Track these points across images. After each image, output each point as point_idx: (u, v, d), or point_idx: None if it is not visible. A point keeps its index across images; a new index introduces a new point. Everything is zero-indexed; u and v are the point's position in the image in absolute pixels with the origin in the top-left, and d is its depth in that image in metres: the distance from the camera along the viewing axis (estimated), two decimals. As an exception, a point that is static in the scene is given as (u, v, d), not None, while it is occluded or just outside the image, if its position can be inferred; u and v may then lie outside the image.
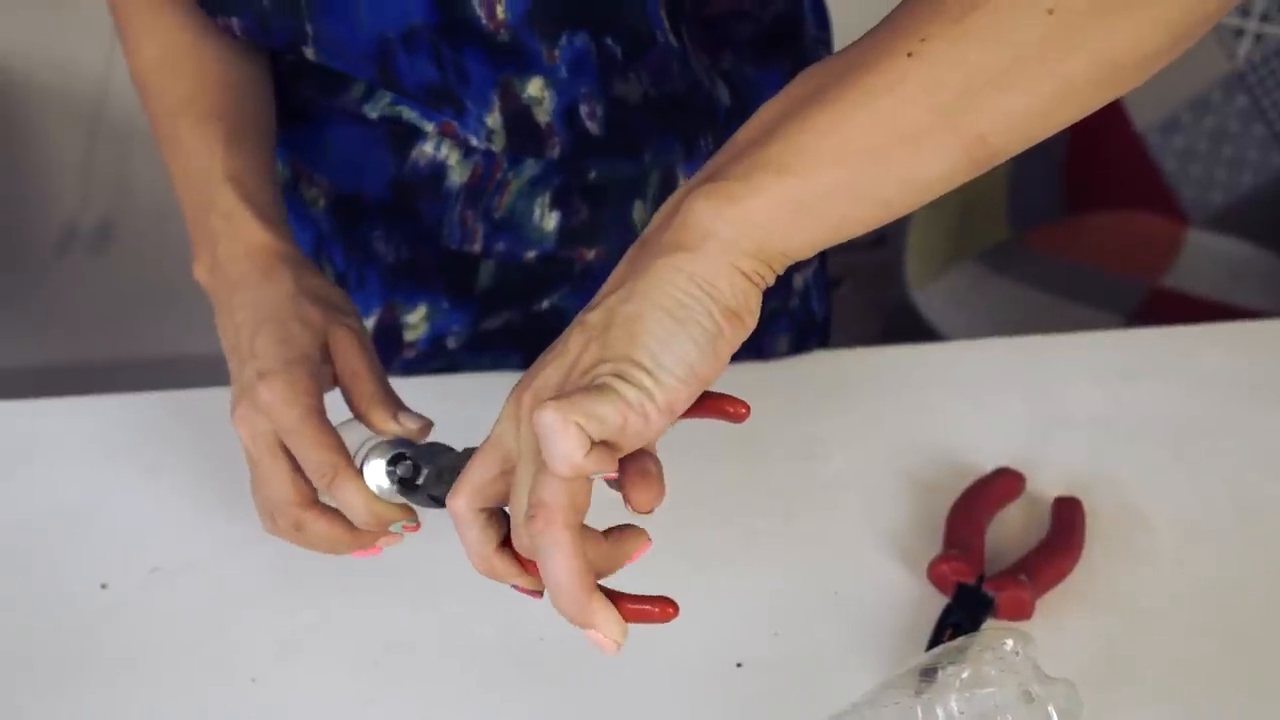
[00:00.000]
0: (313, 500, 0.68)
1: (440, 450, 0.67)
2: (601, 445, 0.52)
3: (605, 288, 0.55)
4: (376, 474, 0.67)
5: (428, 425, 0.70)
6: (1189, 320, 1.05)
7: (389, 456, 0.67)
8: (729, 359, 0.55)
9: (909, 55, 0.52)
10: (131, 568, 0.79)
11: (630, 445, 0.53)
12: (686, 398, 0.54)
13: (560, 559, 0.53)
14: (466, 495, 0.57)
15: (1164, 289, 2.00)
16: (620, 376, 0.52)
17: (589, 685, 0.71)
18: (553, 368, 0.55)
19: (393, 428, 0.69)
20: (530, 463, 0.54)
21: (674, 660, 0.73)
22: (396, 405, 0.70)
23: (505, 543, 0.58)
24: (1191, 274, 2.03)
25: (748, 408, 0.58)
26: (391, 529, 0.68)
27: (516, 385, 0.57)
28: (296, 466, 0.67)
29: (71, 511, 0.83)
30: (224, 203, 0.75)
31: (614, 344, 0.53)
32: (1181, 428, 0.91)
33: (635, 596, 0.57)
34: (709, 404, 0.57)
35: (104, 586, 0.78)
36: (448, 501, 0.58)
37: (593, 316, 0.54)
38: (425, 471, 0.66)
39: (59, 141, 2.03)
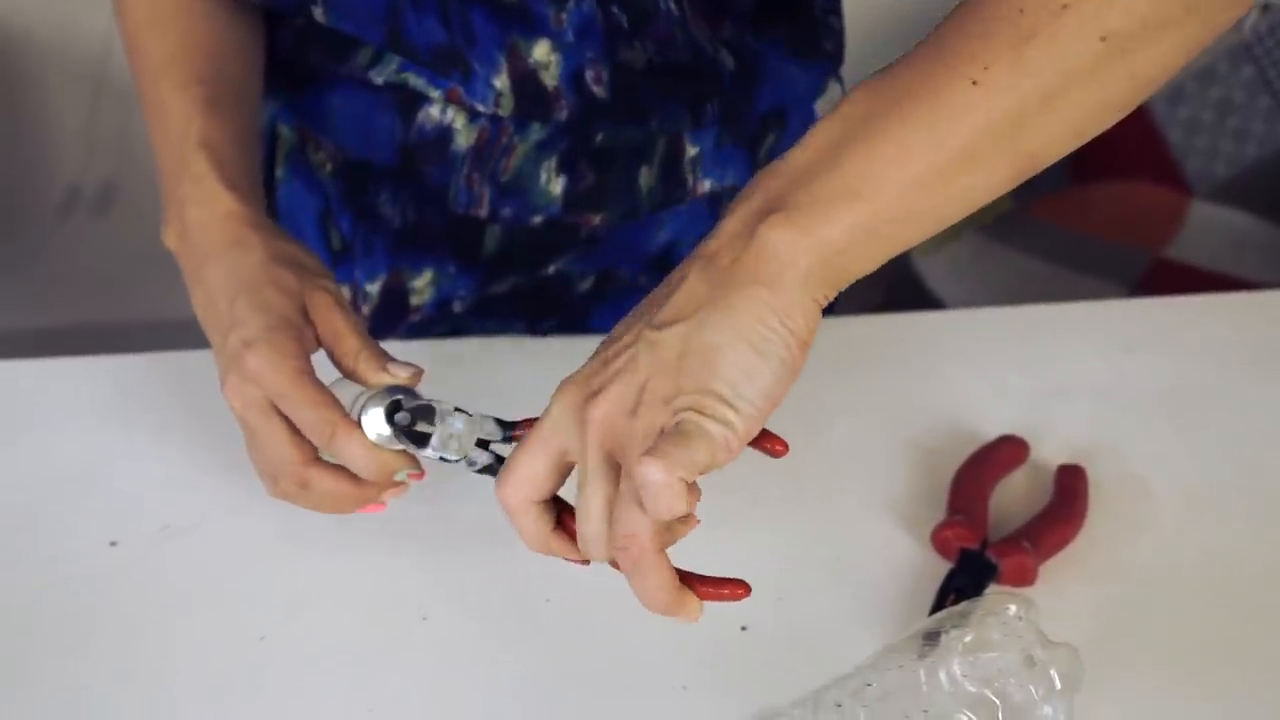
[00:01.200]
0: (315, 458, 0.68)
1: (434, 404, 0.67)
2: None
3: (672, 308, 0.56)
4: (375, 423, 0.67)
5: (418, 372, 0.70)
6: (1191, 291, 1.06)
7: (386, 404, 0.67)
8: None
9: (973, 84, 0.54)
10: (140, 526, 0.79)
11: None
12: (761, 426, 0.56)
13: (653, 579, 0.57)
14: (517, 488, 0.59)
15: (1167, 260, 2.00)
16: (702, 412, 0.54)
17: (594, 647, 0.72)
18: (622, 386, 0.56)
19: (384, 378, 0.69)
20: (603, 481, 0.56)
21: (678, 624, 0.73)
22: (384, 357, 0.70)
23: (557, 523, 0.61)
24: (1195, 245, 2.03)
25: (786, 446, 0.61)
26: (396, 477, 0.68)
27: (570, 383, 0.58)
28: (294, 428, 0.68)
29: (79, 470, 0.84)
30: (196, 168, 0.75)
31: (692, 374, 0.54)
32: (1184, 397, 0.91)
33: (707, 579, 0.60)
34: (756, 438, 0.59)
35: (113, 544, 0.78)
36: (497, 492, 0.60)
37: (665, 339, 0.55)
38: (429, 412, 0.66)
39: (61, 103, 2.02)
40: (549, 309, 0.98)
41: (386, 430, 0.67)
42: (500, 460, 0.66)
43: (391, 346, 0.95)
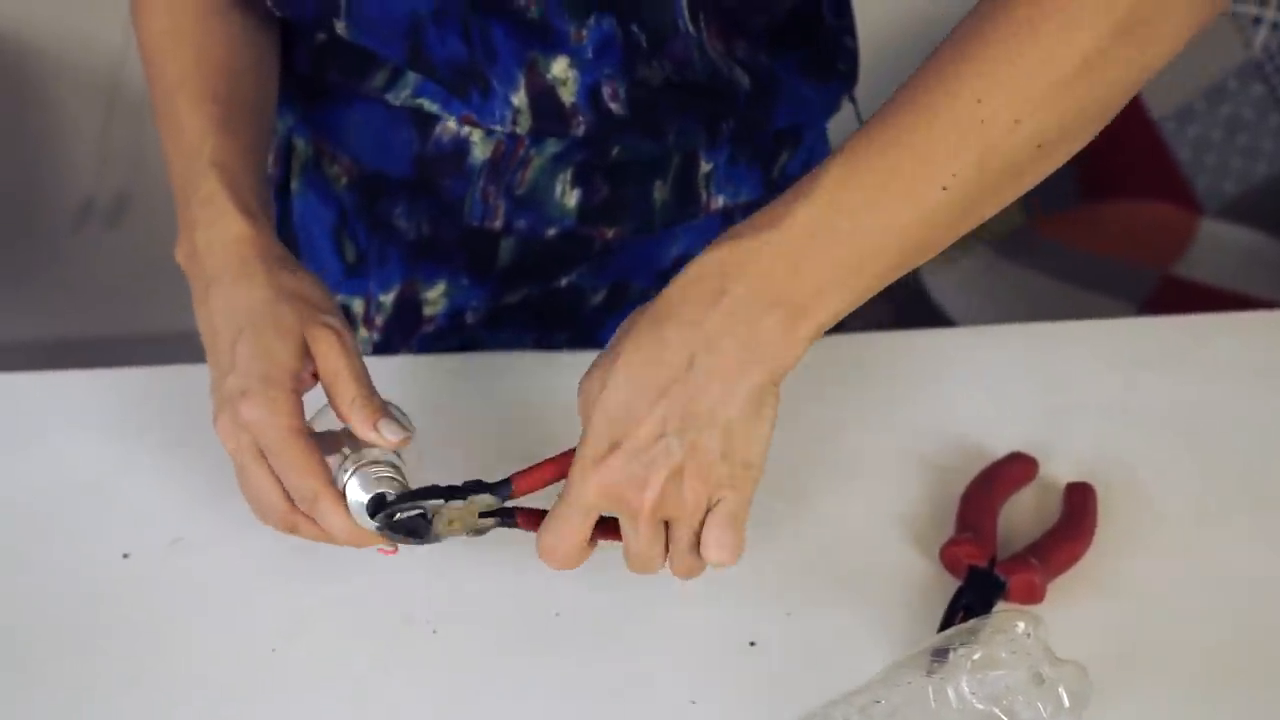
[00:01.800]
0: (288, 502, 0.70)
1: (421, 504, 0.68)
2: None
3: (696, 410, 0.62)
4: (357, 494, 0.69)
5: (408, 437, 0.70)
6: (1200, 309, 1.06)
7: (368, 498, 0.68)
8: None
9: (978, 109, 0.60)
10: (153, 538, 0.80)
11: None
12: None
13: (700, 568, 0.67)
14: (572, 561, 0.67)
15: (1176, 278, 2.00)
16: (737, 489, 0.64)
17: (604, 661, 0.72)
18: (663, 474, 0.62)
19: (371, 438, 0.69)
20: (657, 540, 0.65)
21: (688, 638, 0.73)
22: (378, 411, 0.70)
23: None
24: (1204, 263, 2.03)
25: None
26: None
27: (598, 469, 0.63)
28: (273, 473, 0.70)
29: (93, 482, 0.84)
30: (207, 187, 0.75)
31: (729, 463, 0.63)
32: (1193, 415, 0.91)
33: None
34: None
35: (126, 556, 0.79)
36: (550, 564, 0.67)
37: (700, 442, 0.62)
38: (419, 518, 0.69)
39: (76, 115, 2.04)
40: (561, 322, 0.98)
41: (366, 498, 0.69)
42: (508, 516, 0.69)
43: (403, 359, 0.96)
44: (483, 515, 0.69)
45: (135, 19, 0.83)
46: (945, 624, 0.73)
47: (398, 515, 0.68)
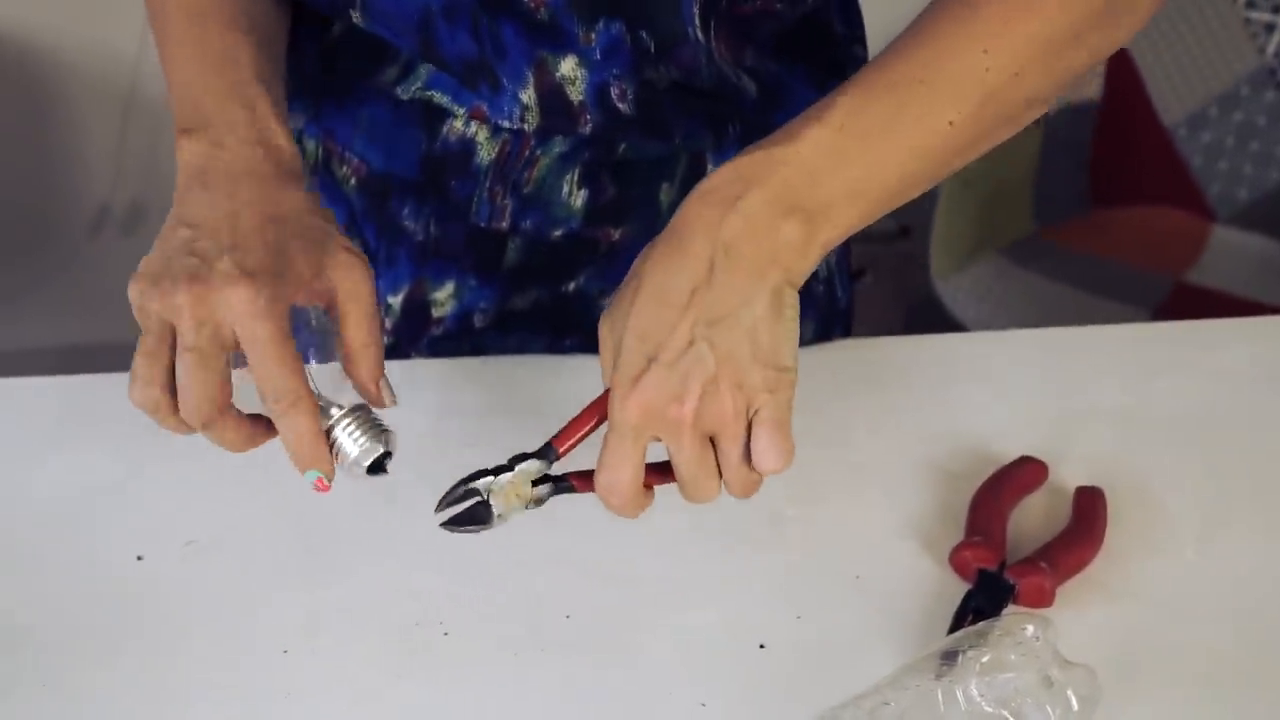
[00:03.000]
0: (229, 405, 0.66)
1: (465, 478, 0.68)
2: None
3: (718, 304, 0.64)
4: (351, 444, 0.67)
5: (393, 401, 0.70)
6: (1213, 316, 1.05)
7: (370, 457, 0.67)
8: None
9: (984, 56, 0.66)
10: (166, 541, 0.80)
11: None
12: None
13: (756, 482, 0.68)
14: (635, 498, 0.66)
15: (1188, 285, 1.99)
16: (774, 390, 0.65)
17: (614, 663, 0.72)
18: (698, 384, 0.64)
19: (371, 390, 0.68)
20: (703, 456, 0.66)
21: (697, 640, 0.74)
22: (382, 365, 0.69)
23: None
24: (1216, 270, 2.02)
25: None
26: (306, 476, 0.67)
27: (633, 392, 0.64)
28: (226, 372, 0.65)
29: (106, 486, 0.85)
30: (253, 96, 0.72)
31: (762, 361, 0.65)
32: (1204, 421, 0.91)
33: None
34: None
35: (139, 559, 0.79)
36: (614, 508, 0.67)
37: (728, 339, 0.64)
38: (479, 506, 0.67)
39: (92, 122, 2.05)
40: (569, 327, 0.99)
41: (356, 454, 0.67)
42: (560, 480, 0.68)
43: (414, 362, 0.97)
44: (535, 484, 0.68)
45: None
46: (954, 627, 0.73)
47: (457, 508, 0.67)
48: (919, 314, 2.09)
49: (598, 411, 0.68)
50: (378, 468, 0.68)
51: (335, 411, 0.67)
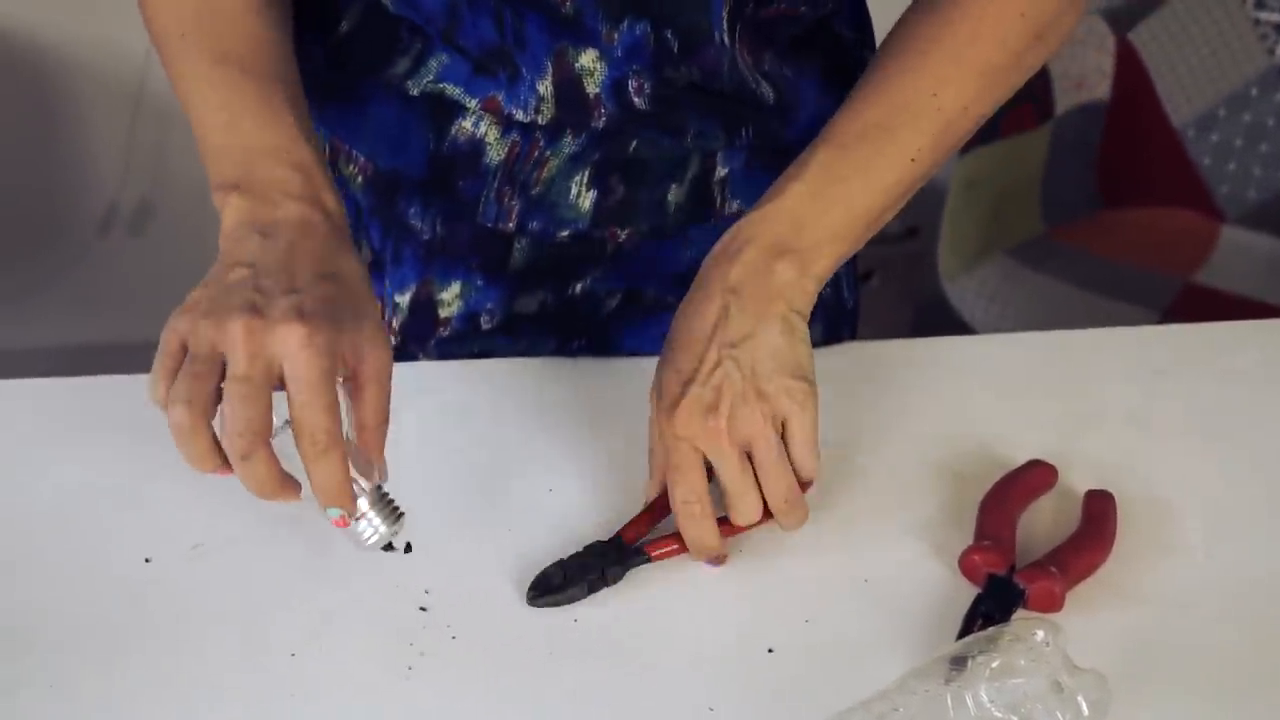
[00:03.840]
0: (269, 441, 0.66)
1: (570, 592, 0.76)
2: None
3: (734, 332, 0.75)
4: (368, 528, 0.72)
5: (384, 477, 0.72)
6: (1222, 318, 1.05)
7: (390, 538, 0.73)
8: None
9: (933, 100, 0.79)
10: (174, 543, 0.80)
11: None
12: None
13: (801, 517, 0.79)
14: (714, 538, 0.76)
15: (1197, 286, 1.99)
16: (793, 396, 0.75)
17: (622, 667, 0.72)
18: (731, 395, 0.74)
19: (377, 463, 0.71)
20: (744, 469, 0.75)
21: (705, 645, 0.74)
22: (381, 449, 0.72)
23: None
24: (1225, 271, 2.02)
25: None
26: (330, 513, 0.69)
27: (679, 412, 0.74)
28: (270, 407, 0.66)
29: (115, 487, 0.85)
30: (303, 159, 0.73)
31: (780, 368, 0.74)
32: (1214, 423, 0.91)
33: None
34: None
35: (147, 561, 0.79)
36: (704, 556, 0.78)
37: (747, 354, 0.74)
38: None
39: (100, 122, 2.05)
40: (577, 330, 0.99)
41: (374, 540, 0.72)
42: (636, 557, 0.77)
43: (423, 365, 0.97)
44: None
45: (145, 6, 0.82)
46: (964, 632, 0.73)
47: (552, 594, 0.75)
48: (926, 315, 2.09)
49: (663, 502, 0.77)
50: (388, 546, 0.73)
51: (356, 488, 0.70)
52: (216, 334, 0.65)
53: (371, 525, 0.71)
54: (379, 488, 0.72)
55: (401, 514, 0.72)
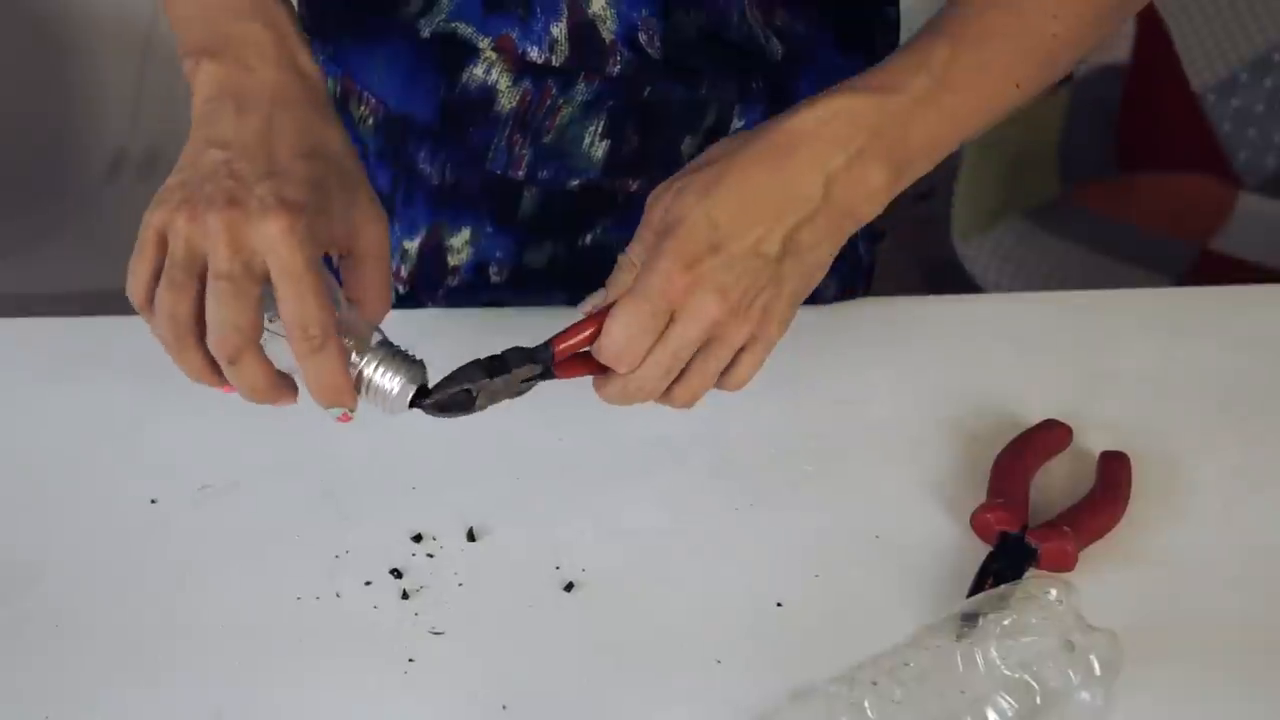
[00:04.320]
0: (257, 338, 0.63)
1: (462, 374, 0.69)
2: None
3: (805, 245, 0.68)
4: (386, 378, 0.66)
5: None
6: (1237, 284, 1.04)
7: (415, 388, 0.67)
8: None
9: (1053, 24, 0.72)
10: (180, 485, 0.80)
11: None
12: None
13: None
14: (642, 359, 0.68)
15: (1213, 252, 1.97)
16: (774, 334, 0.70)
17: (630, 619, 0.72)
18: (746, 301, 0.68)
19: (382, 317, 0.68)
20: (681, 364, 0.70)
21: (715, 598, 0.73)
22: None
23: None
24: (1242, 238, 2.00)
25: None
26: (330, 411, 0.66)
27: (696, 271, 0.66)
28: (259, 305, 0.63)
29: (122, 428, 0.84)
30: (275, 16, 0.69)
31: (793, 304, 0.69)
32: (1229, 386, 0.90)
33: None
34: None
35: (153, 502, 0.79)
36: (616, 362, 0.68)
37: (792, 281, 0.69)
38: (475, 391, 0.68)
39: (109, 67, 2.04)
40: (587, 282, 0.97)
41: (398, 394, 0.67)
42: (547, 371, 0.69)
43: (432, 311, 0.96)
44: (523, 380, 0.69)
45: None
46: (975, 590, 0.72)
47: (439, 397, 0.68)
48: (938, 277, 2.07)
49: (601, 319, 0.68)
50: (419, 400, 0.68)
51: (365, 351, 0.66)
52: (193, 229, 0.62)
53: (394, 378, 0.66)
54: (384, 341, 0.68)
55: (420, 360, 0.68)
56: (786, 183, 0.67)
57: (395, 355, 0.67)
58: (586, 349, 0.69)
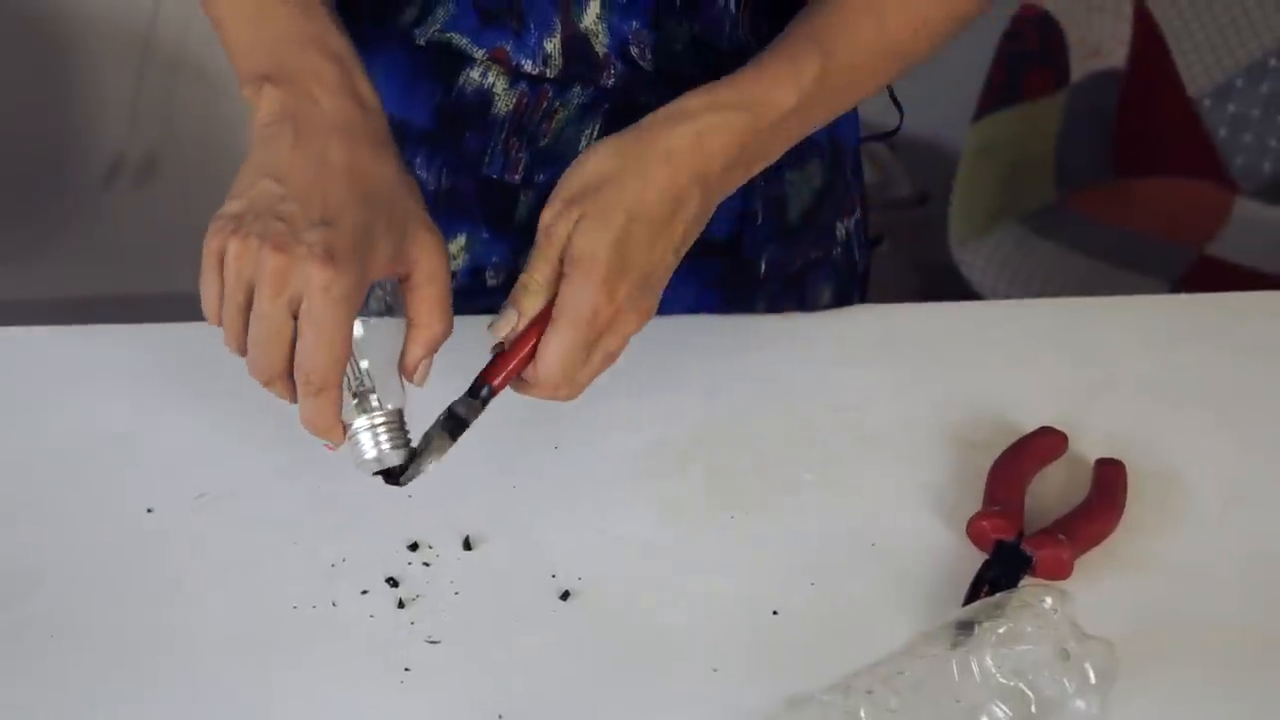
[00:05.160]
0: (289, 370, 0.67)
1: (424, 453, 0.72)
2: None
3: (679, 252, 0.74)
4: (370, 448, 0.70)
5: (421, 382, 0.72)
6: (1233, 290, 1.05)
7: (388, 463, 0.70)
8: None
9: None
10: (177, 493, 0.80)
11: None
12: None
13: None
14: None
15: (1210, 257, 1.97)
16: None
17: (626, 628, 0.72)
18: (635, 312, 0.72)
19: (413, 376, 0.71)
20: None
21: (711, 606, 0.73)
22: (430, 357, 0.71)
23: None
24: (1238, 243, 2.00)
25: None
26: (321, 441, 0.69)
27: (608, 279, 0.70)
28: (292, 340, 0.66)
29: (118, 437, 0.84)
30: (337, 48, 0.71)
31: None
32: (1225, 393, 0.91)
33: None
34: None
35: (150, 511, 0.79)
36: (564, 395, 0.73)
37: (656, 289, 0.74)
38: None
39: (107, 73, 2.04)
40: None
41: (369, 460, 0.70)
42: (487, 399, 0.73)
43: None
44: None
45: None
46: (970, 598, 0.72)
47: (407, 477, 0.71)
48: (934, 283, 2.07)
49: (531, 334, 0.72)
50: (390, 476, 0.71)
51: (370, 408, 0.69)
52: (243, 263, 0.65)
53: (374, 443, 0.70)
54: (400, 412, 0.70)
55: (410, 446, 0.71)
56: (675, 200, 0.72)
57: (389, 430, 0.70)
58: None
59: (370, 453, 0.70)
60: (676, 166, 0.72)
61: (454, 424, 0.72)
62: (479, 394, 0.72)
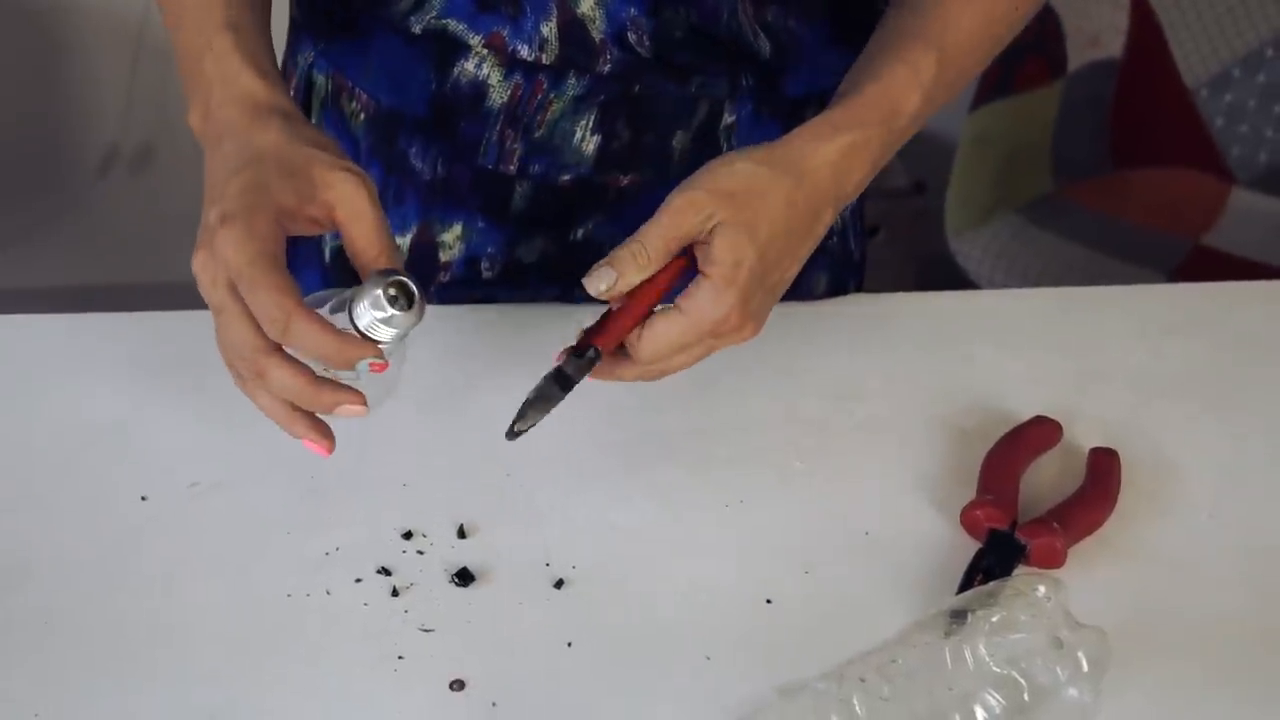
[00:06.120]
0: (275, 346, 0.66)
1: (536, 406, 0.71)
2: None
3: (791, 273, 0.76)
4: (370, 309, 0.65)
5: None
6: (1230, 280, 1.05)
7: (384, 285, 0.65)
8: None
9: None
10: (171, 482, 0.80)
11: None
12: None
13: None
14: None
15: (1206, 248, 1.97)
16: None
17: (620, 615, 0.72)
18: (757, 314, 0.75)
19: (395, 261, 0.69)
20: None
21: (704, 595, 0.73)
22: (399, 260, 0.69)
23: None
24: (1234, 234, 2.00)
25: None
26: (359, 366, 0.67)
27: (742, 278, 0.72)
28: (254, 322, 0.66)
29: (113, 425, 0.84)
30: (220, 47, 0.74)
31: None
32: (1220, 383, 0.91)
33: None
34: None
35: (144, 499, 0.79)
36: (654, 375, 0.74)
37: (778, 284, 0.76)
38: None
39: (102, 62, 2.03)
40: (579, 279, 0.98)
41: (383, 313, 0.65)
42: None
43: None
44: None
45: None
46: (964, 586, 0.73)
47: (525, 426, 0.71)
48: (931, 272, 2.07)
49: (644, 306, 0.72)
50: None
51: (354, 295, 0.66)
52: (197, 275, 0.67)
53: (372, 299, 0.65)
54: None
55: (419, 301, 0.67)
56: (814, 218, 0.75)
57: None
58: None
59: (370, 312, 0.65)
60: (819, 186, 0.75)
61: (563, 380, 0.72)
62: (585, 354, 0.72)
